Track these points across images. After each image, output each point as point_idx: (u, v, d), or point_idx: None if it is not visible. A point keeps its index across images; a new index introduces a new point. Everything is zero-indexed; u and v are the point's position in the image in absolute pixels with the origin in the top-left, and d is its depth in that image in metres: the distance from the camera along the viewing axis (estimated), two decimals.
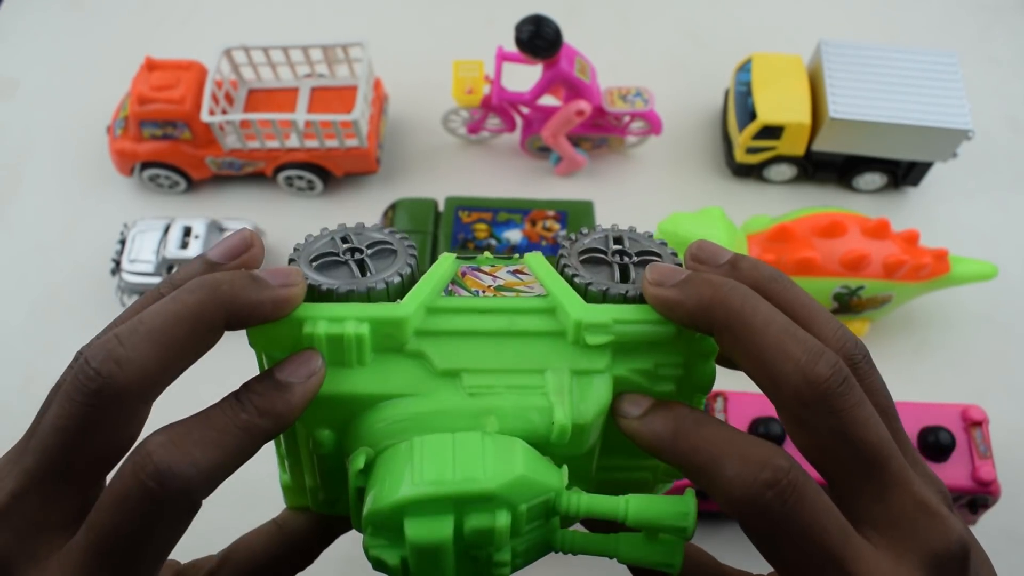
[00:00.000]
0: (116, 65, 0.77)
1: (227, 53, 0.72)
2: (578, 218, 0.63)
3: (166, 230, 0.66)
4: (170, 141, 0.70)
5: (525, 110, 0.71)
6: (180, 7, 0.87)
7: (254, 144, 0.70)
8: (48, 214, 0.73)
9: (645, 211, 0.68)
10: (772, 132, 0.68)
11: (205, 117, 0.67)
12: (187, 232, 0.65)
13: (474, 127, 0.74)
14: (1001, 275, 0.62)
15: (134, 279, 0.65)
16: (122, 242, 0.66)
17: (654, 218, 0.61)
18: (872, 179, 0.72)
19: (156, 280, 0.65)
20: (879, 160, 0.70)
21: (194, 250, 0.64)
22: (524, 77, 0.70)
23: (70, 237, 0.72)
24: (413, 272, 0.28)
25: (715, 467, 0.23)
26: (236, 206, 0.73)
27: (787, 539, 0.22)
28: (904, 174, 0.71)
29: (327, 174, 0.72)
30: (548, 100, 0.71)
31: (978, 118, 0.70)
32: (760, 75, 0.70)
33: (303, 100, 0.72)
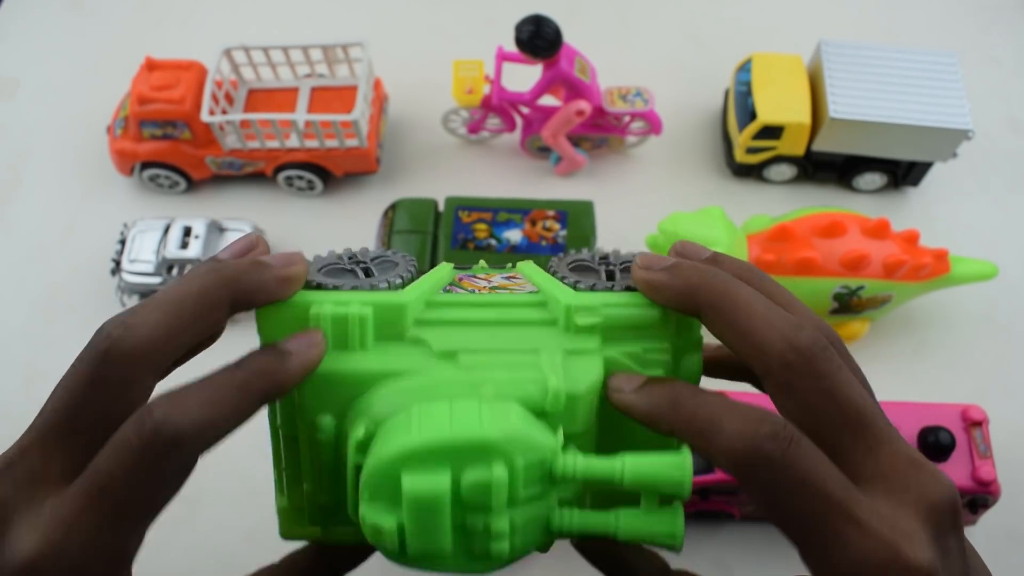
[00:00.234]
0: (116, 65, 0.77)
1: (227, 53, 0.72)
2: (578, 218, 0.63)
3: (166, 230, 0.66)
4: (170, 141, 0.70)
5: (525, 110, 0.71)
6: (180, 7, 0.87)
7: (254, 144, 0.70)
8: (48, 214, 0.73)
9: (645, 211, 0.68)
10: (772, 132, 0.68)
11: (205, 117, 0.67)
12: (187, 232, 0.65)
13: (474, 127, 0.75)
14: (1001, 275, 0.62)
15: (134, 279, 0.65)
16: (122, 242, 0.66)
17: (654, 218, 0.61)
18: (872, 179, 0.72)
19: (156, 280, 0.65)
20: (879, 160, 0.70)
21: (194, 250, 0.64)
22: (524, 77, 0.70)
23: (70, 237, 0.72)
24: (413, 276, 0.29)
25: (715, 428, 0.24)
26: (236, 206, 0.73)
27: (789, 487, 0.23)
28: (904, 174, 0.71)
29: (327, 174, 0.72)
30: (548, 100, 0.71)
31: (978, 118, 0.70)
32: (760, 75, 0.70)
33: (303, 100, 0.72)
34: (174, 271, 0.64)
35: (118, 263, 0.65)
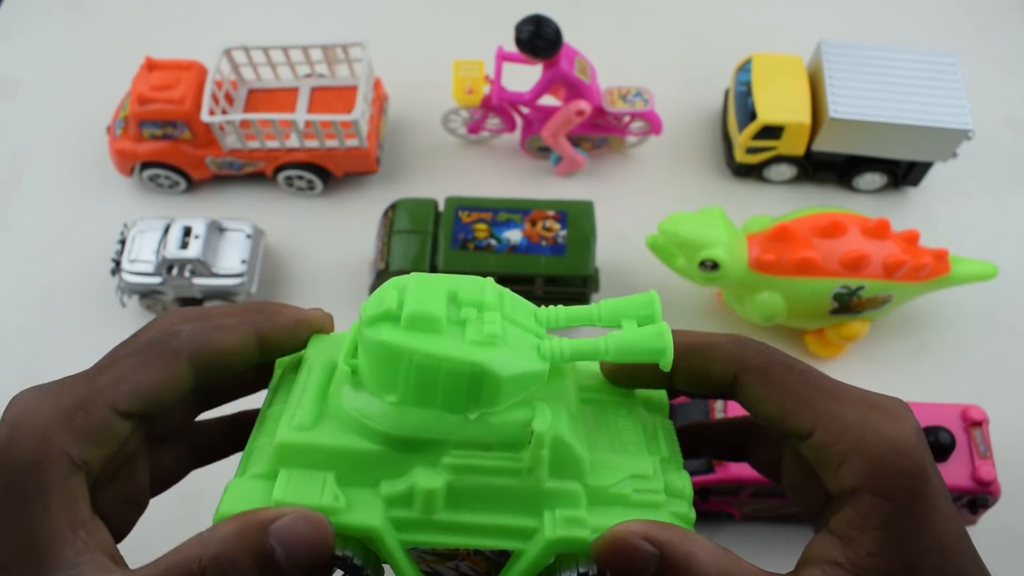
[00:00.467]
0: (116, 65, 0.77)
1: (227, 53, 0.72)
2: (578, 218, 0.63)
3: (166, 230, 0.66)
4: (170, 141, 0.70)
5: (525, 110, 0.71)
6: (180, 7, 0.87)
7: (254, 144, 0.70)
8: (48, 214, 0.73)
9: (645, 211, 0.68)
10: (772, 132, 0.68)
11: (205, 117, 0.67)
12: (187, 232, 0.65)
13: (474, 127, 0.75)
14: (1001, 275, 0.62)
15: (134, 279, 0.64)
16: (122, 242, 0.66)
17: (654, 218, 0.61)
18: (872, 179, 0.72)
19: (156, 280, 0.64)
20: (879, 160, 0.70)
21: (194, 250, 0.64)
22: (524, 77, 0.70)
23: (70, 237, 0.72)
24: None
25: (708, 342, 0.30)
26: (236, 206, 0.73)
27: (776, 376, 0.28)
28: (904, 174, 0.71)
29: (327, 174, 0.72)
30: (548, 100, 0.71)
31: (978, 118, 0.70)
32: (760, 75, 0.70)
33: (303, 100, 0.72)
34: (174, 271, 0.64)
35: (118, 263, 0.65)
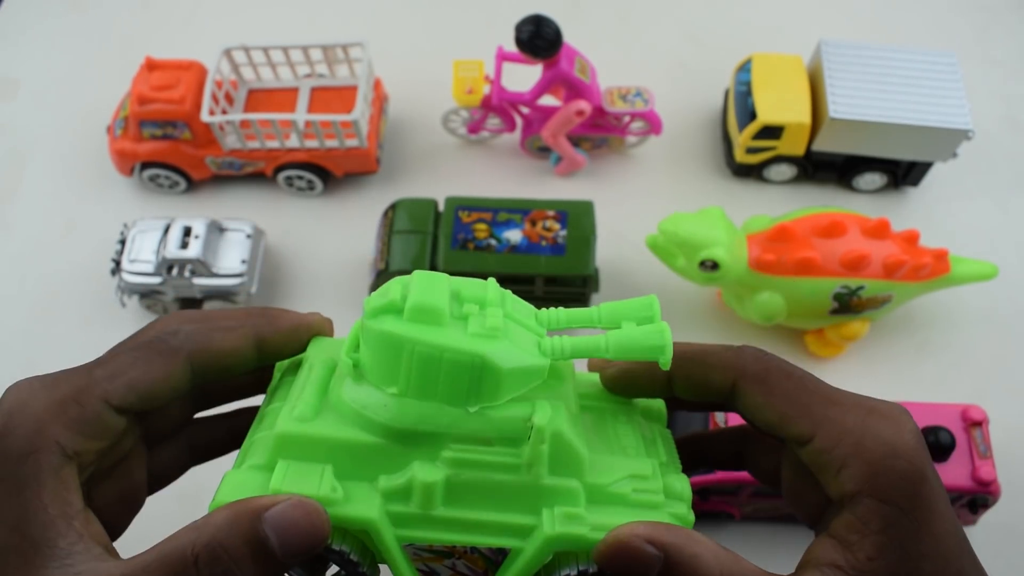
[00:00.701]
0: (116, 65, 0.77)
1: (227, 53, 0.72)
2: (578, 218, 0.63)
3: (166, 230, 0.66)
4: (170, 141, 0.70)
5: (525, 110, 0.71)
6: (180, 7, 0.87)
7: (254, 144, 0.70)
8: (48, 214, 0.73)
9: (645, 211, 0.68)
10: (772, 132, 0.68)
11: (205, 117, 0.67)
12: (187, 232, 0.65)
13: (474, 127, 0.75)
14: (1001, 275, 0.62)
15: (134, 279, 0.64)
16: (122, 242, 0.66)
17: (654, 218, 0.61)
18: (872, 179, 0.72)
19: (156, 280, 0.64)
20: (879, 160, 0.70)
21: (194, 250, 0.64)
22: (524, 77, 0.70)
23: (70, 237, 0.72)
24: None
25: (706, 349, 0.30)
26: (236, 206, 0.73)
27: (775, 381, 0.29)
28: (904, 174, 0.71)
29: (327, 174, 0.72)
30: (548, 100, 0.71)
31: (978, 118, 0.70)
32: (760, 75, 0.70)
33: (303, 100, 0.72)
34: (174, 271, 0.64)
35: (118, 263, 0.65)
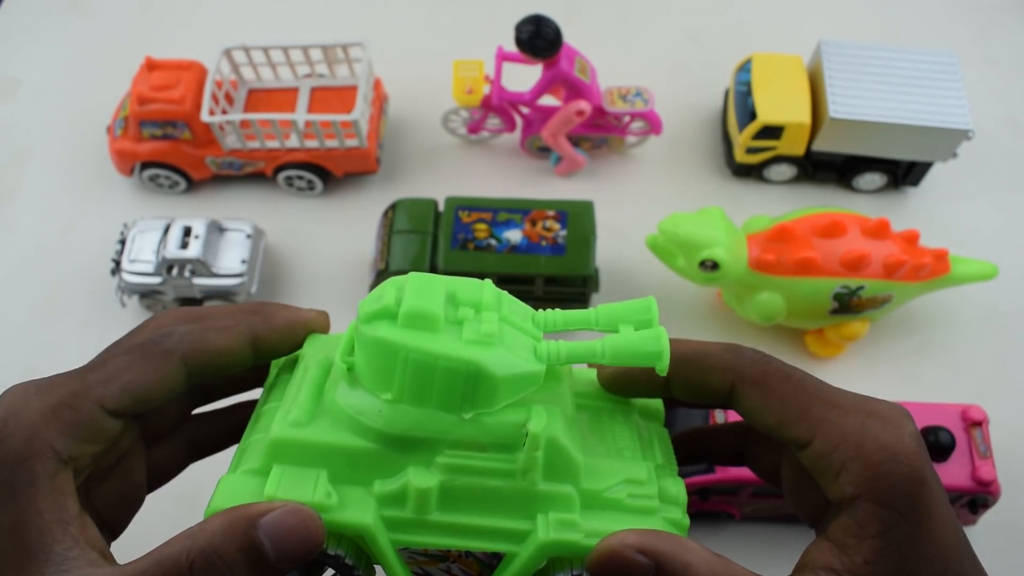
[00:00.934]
0: (116, 65, 0.77)
1: (227, 53, 0.72)
2: (578, 218, 0.63)
3: (166, 230, 0.66)
4: (170, 141, 0.70)
5: (525, 110, 0.71)
6: (180, 7, 0.87)
7: (254, 144, 0.70)
8: (48, 214, 0.73)
9: (645, 211, 0.68)
10: (772, 132, 0.68)
11: (205, 117, 0.67)
12: (187, 232, 0.65)
13: (474, 127, 0.75)
14: (1001, 275, 0.62)
15: (134, 279, 0.64)
16: (122, 242, 0.66)
17: (654, 218, 0.61)
18: (872, 179, 0.72)
19: (156, 280, 0.64)
20: (879, 160, 0.70)
21: (194, 250, 0.64)
22: (524, 77, 0.70)
23: (70, 237, 0.72)
24: None
25: (704, 351, 0.30)
26: (236, 206, 0.73)
27: (773, 384, 0.28)
28: (904, 174, 0.71)
29: (327, 174, 0.72)
30: (548, 100, 0.71)
31: (978, 118, 0.70)
32: (760, 75, 0.70)
33: (303, 100, 0.72)
34: (174, 271, 0.64)
35: (118, 263, 0.65)
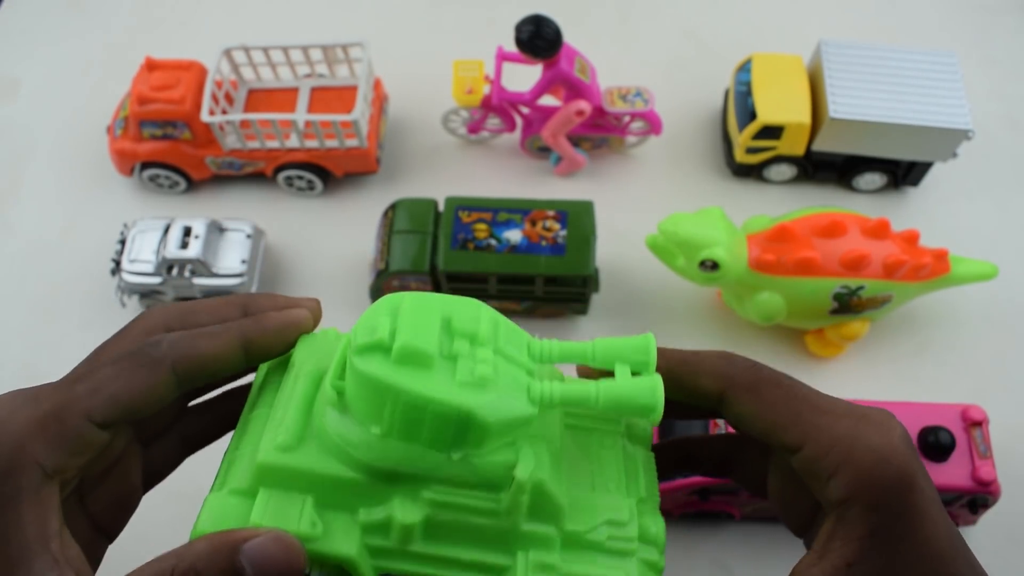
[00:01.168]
0: (116, 65, 0.78)
1: (227, 53, 0.72)
2: (578, 218, 0.63)
3: (166, 230, 0.66)
4: (170, 141, 0.70)
5: (525, 110, 0.71)
6: (180, 7, 0.87)
7: (254, 144, 0.70)
8: (48, 214, 0.73)
9: (645, 211, 0.68)
10: (772, 132, 0.68)
11: (205, 117, 0.67)
12: (187, 232, 0.65)
13: (474, 127, 0.75)
14: (1001, 275, 0.62)
15: (134, 279, 0.65)
16: (122, 242, 0.66)
17: (654, 218, 0.61)
18: (872, 179, 0.72)
19: (156, 280, 0.64)
20: (879, 160, 0.70)
21: (194, 250, 0.64)
22: (524, 77, 0.70)
23: (70, 237, 0.72)
24: None
25: (697, 357, 0.30)
26: (236, 206, 0.73)
27: (765, 389, 0.28)
28: (904, 174, 0.71)
29: (327, 174, 0.72)
30: (548, 100, 0.71)
31: (978, 118, 0.70)
32: (760, 75, 0.70)
33: (303, 100, 0.72)
34: (174, 271, 0.64)
35: (118, 263, 0.65)
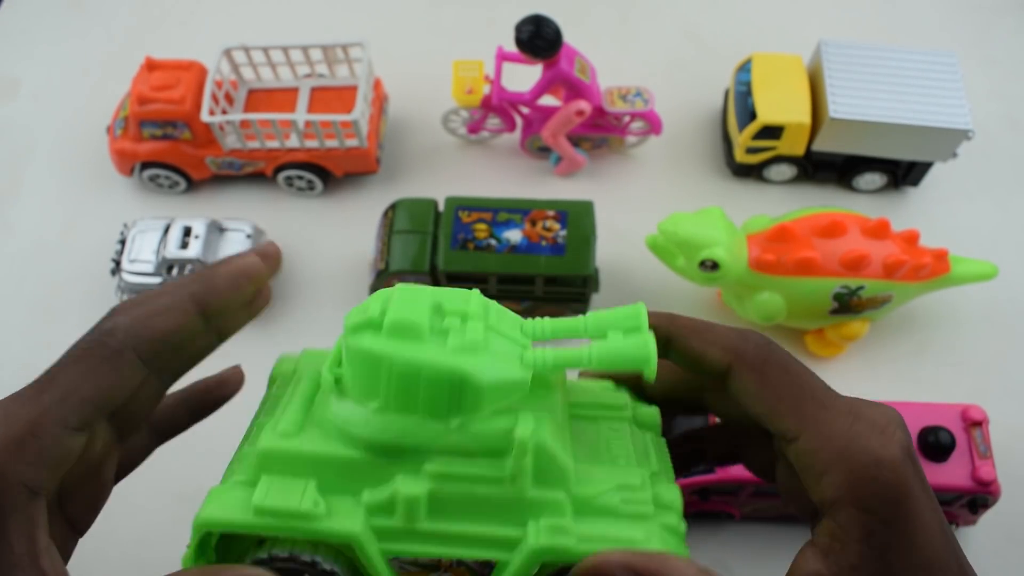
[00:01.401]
0: (116, 65, 0.78)
1: (227, 53, 0.72)
2: (578, 218, 0.63)
3: (166, 230, 0.66)
4: (170, 141, 0.70)
5: (525, 110, 0.71)
6: (180, 7, 0.87)
7: (254, 144, 0.70)
8: (48, 214, 0.73)
9: (645, 211, 0.68)
10: (772, 132, 0.68)
11: (205, 117, 0.67)
12: (187, 232, 0.65)
13: (474, 127, 0.75)
14: (1001, 275, 0.62)
15: (134, 279, 0.65)
16: (122, 242, 0.66)
17: (654, 218, 0.61)
18: (872, 179, 0.72)
19: (156, 280, 0.64)
20: (879, 160, 0.70)
21: (194, 250, 0.64)
22: (524, 77, 0.70)
23: (70, 237, 0.72)
24: None
25: (708, 327, 0.29)
26: (236, 206, 0.73)
27: (773, 373, 0.28)
28: (904, 174, 0.71)
29: (327, 174, 0.72)
30: (548, 100, 0.71)
31: (978, 118, 0.70)
32: (760, 75, 0.70)
33: (303, 100, 0.72)
34: (174, 271, 0.64)
35: (118, 263, 0.65)
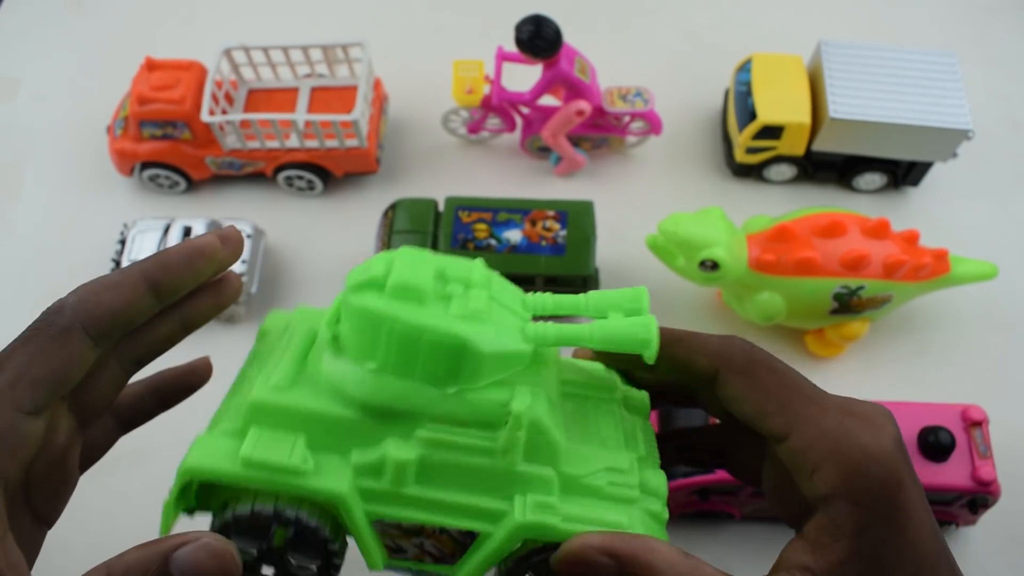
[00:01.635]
0: (116, 65, 0.77)
1: (227, 53, 0.72)
2: (578, 218, 0.63)
3: (166, 230, 0.66)
4: (170, 141, 0.70)
5: (525, 110, 0.71)
6: (180, 7, 0.87)
7: (254, 144, 0.70)
8: (48, 214, 0.73)
9: (645, 211, 0.68)
10: (772, 132, 0.68)
11: (205, 117, 0.67)
12: (187, 232, 0.65)
13: (474, 127, 0.75)
14: (1001, 275, 0.62)
15: None
16: (122, 242, 0.66)
17: (654, 218, 0.61)
18: (872, 179, 0.72)
19: None
20: (879, 160, 0.70)
21: None
22: (524, 77, 0.70)
23: (70, 237, 0.72)
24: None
25: (698, 336, 0.30)
26: (236, 206, 0.73)
27: (760, 374, 0.28)
28: (904, 174, 0.71)
29: (327, 174, 0.72)
30: (548, 100, 0.71)
31: (978, 118, 0.70)
32: (760, 75, 0.70)
33: (303, 100, 0.72)
34: None
35: (118, 263, 0.65)
